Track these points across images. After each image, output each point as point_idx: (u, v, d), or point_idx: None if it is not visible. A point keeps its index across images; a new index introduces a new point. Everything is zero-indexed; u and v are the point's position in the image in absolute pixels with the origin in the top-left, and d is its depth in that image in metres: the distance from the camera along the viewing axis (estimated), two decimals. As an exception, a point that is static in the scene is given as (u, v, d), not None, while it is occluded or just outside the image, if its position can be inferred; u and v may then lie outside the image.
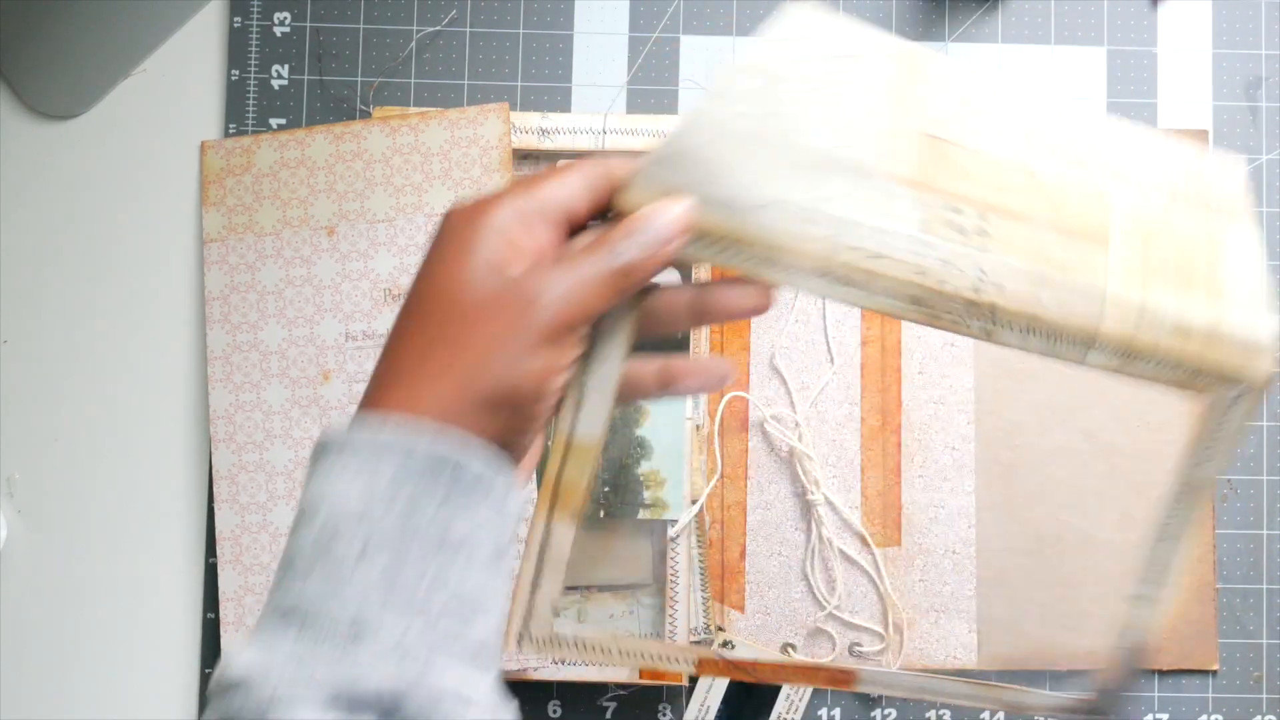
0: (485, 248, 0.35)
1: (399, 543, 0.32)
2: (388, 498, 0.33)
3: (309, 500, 0.34)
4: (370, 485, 0.33)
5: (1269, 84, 0.65)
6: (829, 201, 0.35)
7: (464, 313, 0.35)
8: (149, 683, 0.63)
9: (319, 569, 0.33)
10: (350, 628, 0.32)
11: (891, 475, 0.63)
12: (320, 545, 0.33)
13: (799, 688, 0.62)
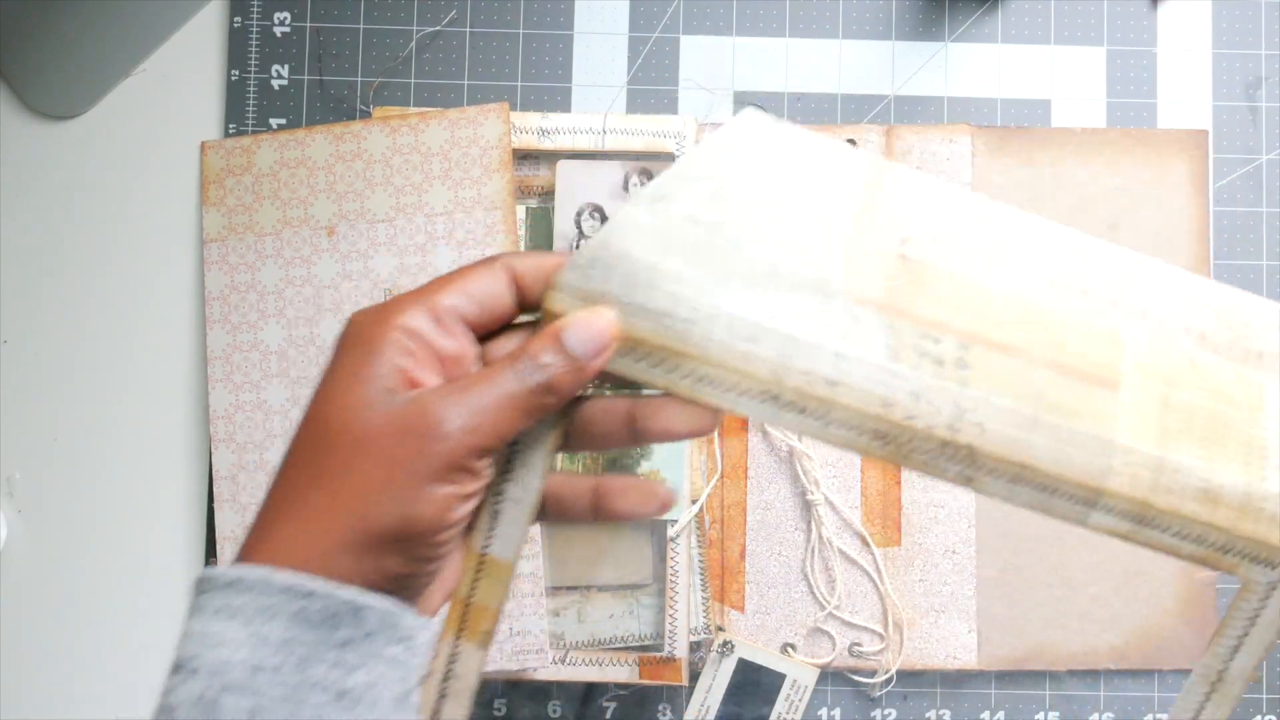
0: (382, 363, 0.32)
1: (295, 700, 0.30)
2: (282, 649, 0.30)
3: (189, 648, 0.31)
4: (261, 636, 0.30)
5: (1269, 84, 0.65)
6: (779, 319, 0.32)
7: (353, 442, 0.31)
8: (149, 683, 0.63)
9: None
10: None
11: (891, 475, 0.63)
12: (206, 702, 0.30)
13: (799, 687, 0.62)
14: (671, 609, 0.61)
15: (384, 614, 0.31)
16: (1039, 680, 0.63)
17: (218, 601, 0.30)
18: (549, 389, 0.32)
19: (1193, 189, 0.64)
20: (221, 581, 0.31)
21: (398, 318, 0.32)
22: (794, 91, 0.65)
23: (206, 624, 0.30)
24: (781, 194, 0.33)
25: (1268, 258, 0.64)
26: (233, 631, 0.30)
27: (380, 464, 0.31)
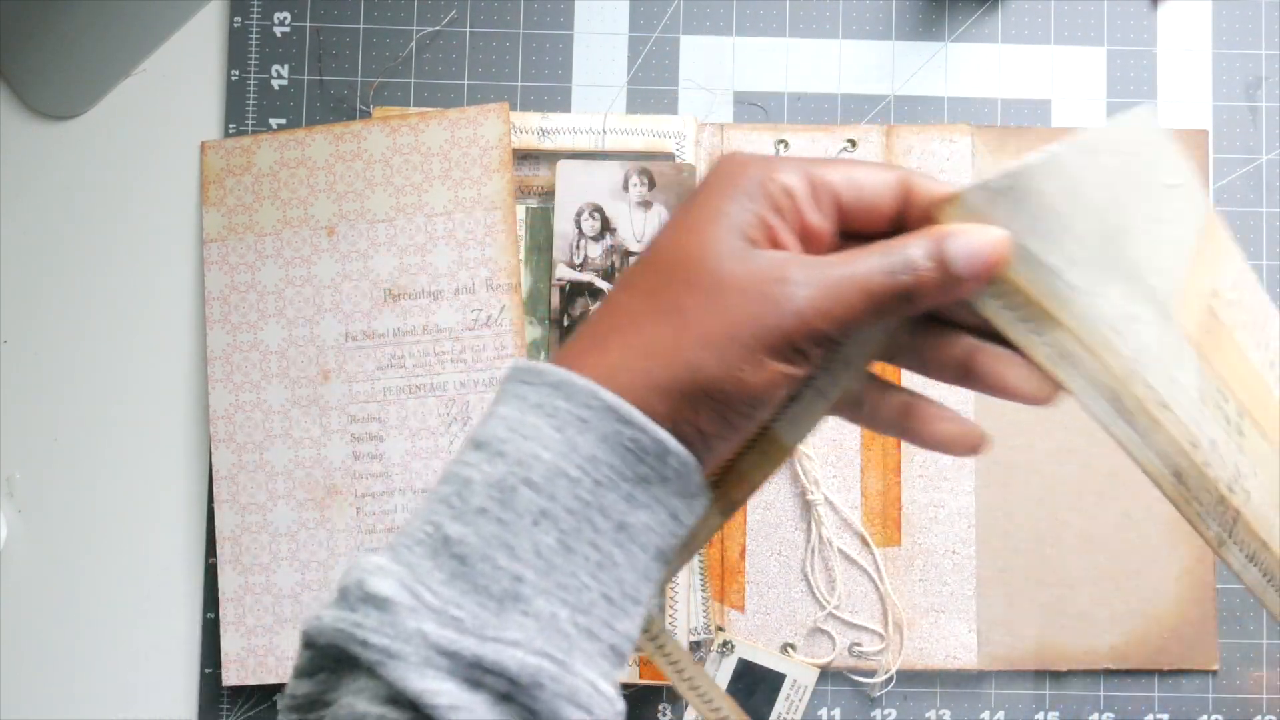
0: (749, 210, 0.31)
1: (582, 516, 0.29)
2: (586, 464, 0.30)
3: (500, 429, 0.30)
4: (571, 443, 0.30)
5: (1269, 84, 0.65)
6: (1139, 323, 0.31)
7: (706, 285, 0.30)
8: (149, 683, 0.63)
9: (495, 512, 0.29)
10: (506, 590, 0.29)
11: (891, 475, 0.63)
12: (505, 488, 0.29)
13: (799, 687, 0.62)
14: (671, 609, 0.61)
15: (683, 464, 0.30)
16: (1039, 680, 0.63)
17: (538, 396, 0.30)
18: (912, 293, 0.30)
19: (1193, 189, 0.64)
20: (548, 379, 0.30)
21: (777, 172, 0.31)
22: (794, 91, 0.65)
23: (524, 414, 0.30)
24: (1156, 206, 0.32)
25: (1268, 258, 0.64)
26: (547, 430, 0.30)
27: (726, 317, 0.30)
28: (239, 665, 0.62)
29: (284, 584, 0.62)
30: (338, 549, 0.62)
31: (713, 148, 0.64)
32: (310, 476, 0.62)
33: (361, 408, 0.62)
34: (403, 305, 0.63)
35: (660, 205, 0.63)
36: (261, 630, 0.62)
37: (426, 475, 0.62)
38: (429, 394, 0.62)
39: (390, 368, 0.62)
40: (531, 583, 0.29)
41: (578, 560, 0.29)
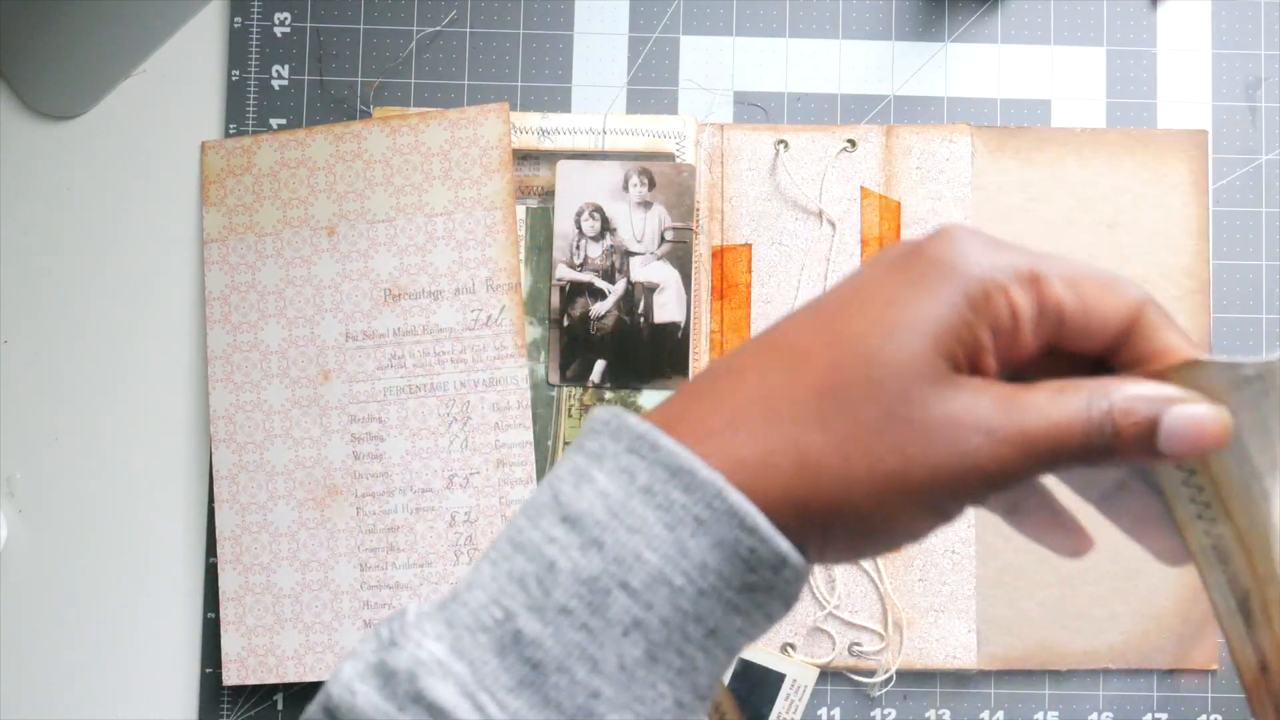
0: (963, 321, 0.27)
1: (676, 625, 0.26)
2: (694, 571, 0.26)
3: (599, 509, 0.26)
4: (682, 546, 0.26)
5: (1269, 84, 0.65)
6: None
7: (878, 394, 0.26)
8: (149, 683, 0.63)
9: (582, 616, 0.26)
10: (580, 706, 0.25)
11: (891, 475, 0.63)
12: (598, 590, 0.26)
13: (799, 687, 0.62)
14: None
15: (797, 574, 0.27)
16: (1039, 680, 0.63)
17: (650, 477, 0.26)
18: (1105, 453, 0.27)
19: (1193, 189, 0.64)
20: (665, 459, 0.26)
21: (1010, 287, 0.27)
22: (794, 91, 0.65)
23: (629, 497, 0.26)
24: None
25: (1267, 258, 0.64)
26: (656, 526, 0.26)
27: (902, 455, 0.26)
28: (239, 665, 0.62)
29: (284, 584, 0.62)
30: (338, 549, 0.62)
31: (713, 148, 0.64)
32: (310, 476, 0.62)
33: (362, 408, 0.62)
34: (403, 305, 0.63)
35: (660, 205, 0.63)
36: (262, 630, 0.62)
37: (426, 475, 0.62)
38: (429, 394, 0.62)
39: (390, 368, 0.62)
40: (608, 699, 0.26)
41: (660, 670, 0.26)
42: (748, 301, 0.64)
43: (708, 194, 0.64)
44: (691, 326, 0.63)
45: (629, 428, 0.27)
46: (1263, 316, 0.64)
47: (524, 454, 0.62)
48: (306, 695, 0.63)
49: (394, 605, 0.62)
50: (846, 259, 0.64)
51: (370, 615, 0.62)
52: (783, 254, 0.64)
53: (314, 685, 0.63)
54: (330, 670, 0.61)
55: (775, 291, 0.64)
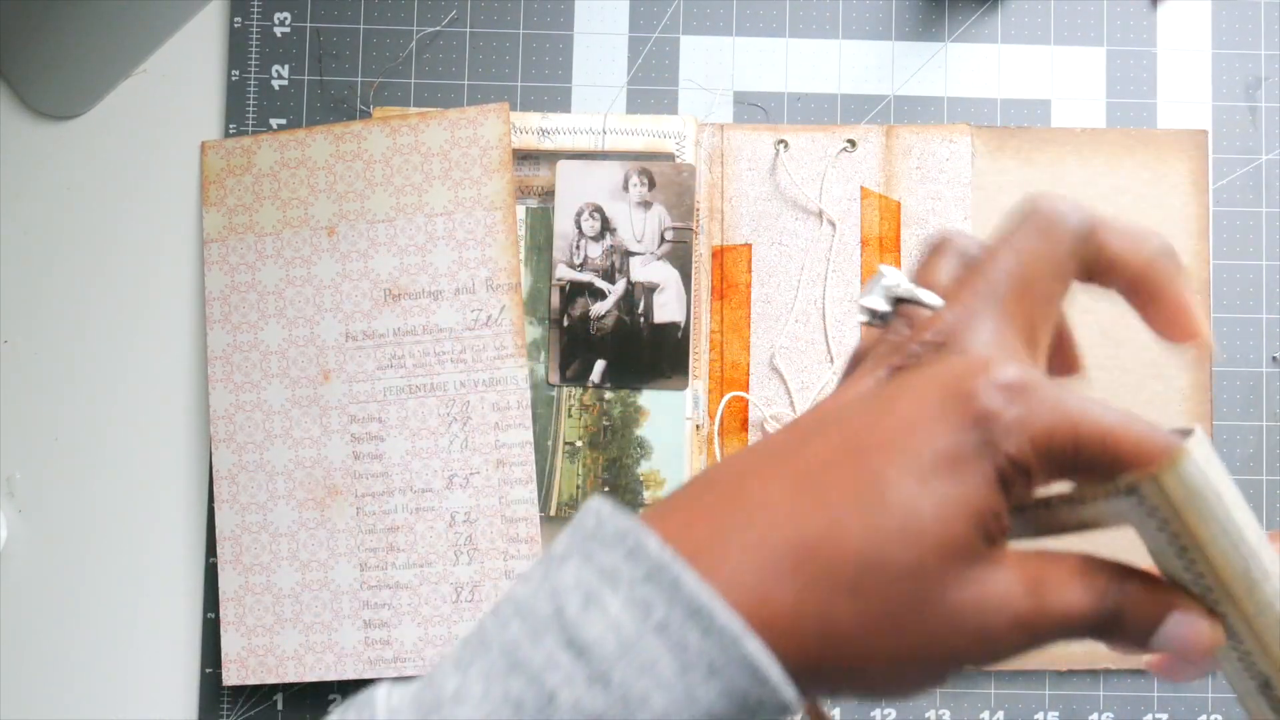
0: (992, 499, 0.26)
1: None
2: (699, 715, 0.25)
3: (610, 641, 0.25)
4: (691, 694, 0.25)
5: (1269, 84, 0.65)
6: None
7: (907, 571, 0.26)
8: (149, 683, 0.63)
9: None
10: None
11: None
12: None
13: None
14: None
15: (793, 715, 0.26)
16: (1039, 680, 0.63)
17: (667, 614, 0.25)
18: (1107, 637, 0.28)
19: (1193, 189, 0.64)
20: (686, 598, 0.25)
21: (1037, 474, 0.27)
22: (794, 91, 0.65)
23: (643, 634, 0.25)
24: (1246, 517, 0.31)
25: (1267, 258, 0.64)
26: (668, 669, 0.25)
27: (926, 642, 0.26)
28: (239, 665, 0.62)
29: (284, 584, 0.62)
30: (338, 549, 0.62)
31: (713, 148, 0.64)
32: (310, 476, 0.62)
33: (361, 408, 0.62)
34: (403, 305, 0.63)
35: (660, 205, 0.63)
36: (262, 630, 0.62)
37: (426, 475, 0.62)
38: (429, 394, 0.62)
39: (390, 368, 0.62)
40: None
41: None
42: (748, 301, 0.64)
43: (708, 194, 0.64)
44: (691, 326, 0.63)
45: (648, 552, 0.25)
46: (1263, 316, 0.64)
47: (524, 454, 0.62)
48: (306, 695, 0.63)
49: (394, 605, 0.62)
50: (846, 259, 0.64)
51: (370, 615, 0.62)
52: (783, 254, 0.64)
53: (314, 685, 0.63)
54: (332, 668, 0.62)
55: (775, 291, 0.64)
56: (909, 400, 0.27)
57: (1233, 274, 0.64)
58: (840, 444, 0.27)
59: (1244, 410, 0.64)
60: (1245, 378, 0.64)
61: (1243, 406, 0.64)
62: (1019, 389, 0.26)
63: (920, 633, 0.26)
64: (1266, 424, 0.64)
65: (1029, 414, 0.26)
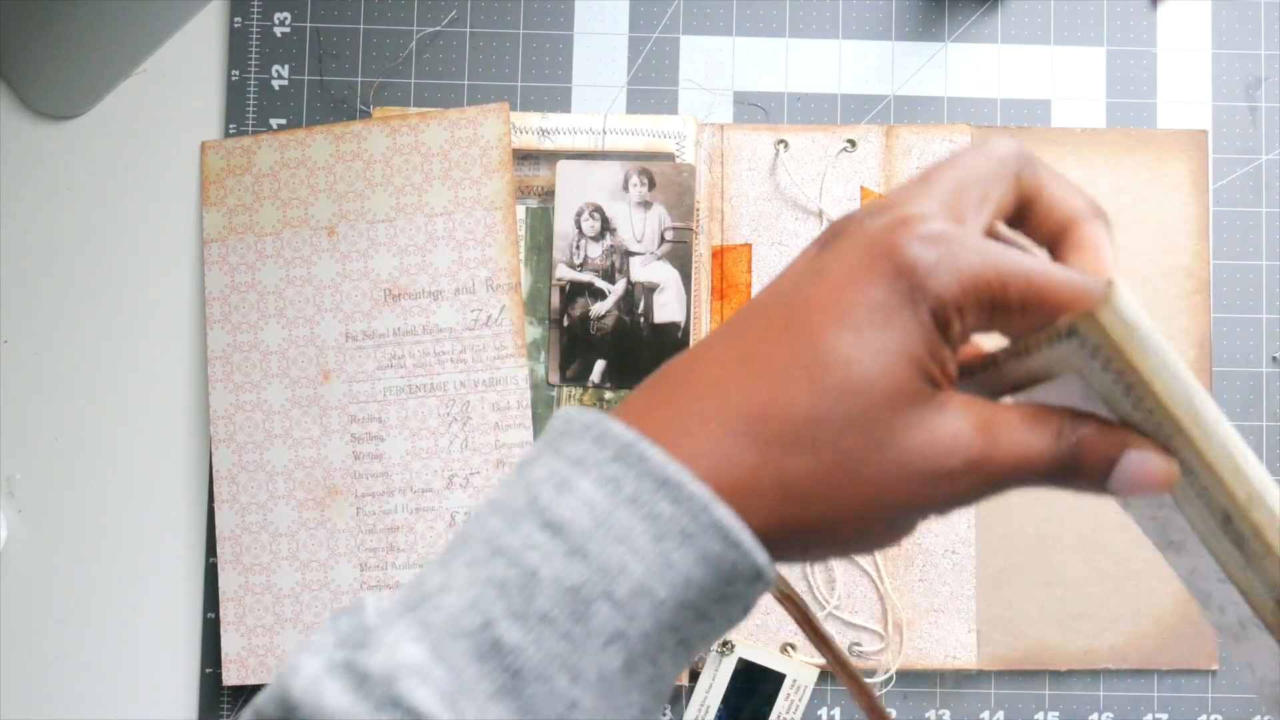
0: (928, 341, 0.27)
1: (654, 638, 0.26)
2: (678, 584, 0.26)
3: (583, 517, 0.26)
4: (667, 559, 0.26)
5: (1269, 84, 0.65)
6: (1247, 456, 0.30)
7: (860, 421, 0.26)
8: (149, 683, 0.63)
9: (564, 625, 0.25)
10: (558, 716, 0.25)
11: (891, 475, 0.63)
12: (581, 600, 0.25)
13: (799, 687, 0.62)
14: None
15: (767, 585, 0.27)
16: (1039, 680, 0.63)
17: (637, 488, 0.26)
18: (1065, 480, 0.28)
19: (1193, 189, 0.64)
20: (653, 469, 0.26)
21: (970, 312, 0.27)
22: (794, 91, 0.65)
23: (615, 507, 0.26)
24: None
25: (1267, 258, 0.64)
26: (642, 537, 0.26)
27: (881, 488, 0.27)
28: (239, 665, 0.62)
29: (284, 584, 0.62)
30: (338, 549, 0.62)
31: (713, 148, 0.64)
32: (310, 476, 0.62)
33: (361, 408, 0.62)
34: (403, 305, 0.63)
35: (660, 205, 0.63)
36: (261, 630, 0.62)
37: (426, 475, 0.62)
38: (429, 394, 0.62)
39: (390, 368, 0.62)
40: (585, 709, 0.25)
41: (634, 680, 0.26)
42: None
43: (708, 194, 0.64)
44: (691, 326, 0.63)
45: (614, 435, 0.27)
46: (1263, 316, 0.64)
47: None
48: (306, 695, 0.63)
49: (394, 605, 0.62)
50: (846, 259, 0.64)
51: (370, 615, 0.62)
52: (783, 254, 0.64)
53: (314, 685, 0.63)
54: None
55: (775, 291, 0.63)
56: (838, 264, 0.28)
57: (1233, 274, 0.64)
58: (778, 316, 0.28)
59: (1244, 410, 0.64)
60: (1245, 378, 0.64)
61: (1243, 406, 0.64)
62: (941, 238, 0.27)
63: (876, 480, 0.27)
64: (1266, 424, 0.64)
65: (952, 258, 0.27)
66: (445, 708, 0.24)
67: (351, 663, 0.25)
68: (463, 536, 0.27)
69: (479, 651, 0.25)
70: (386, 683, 0.25)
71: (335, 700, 0.25)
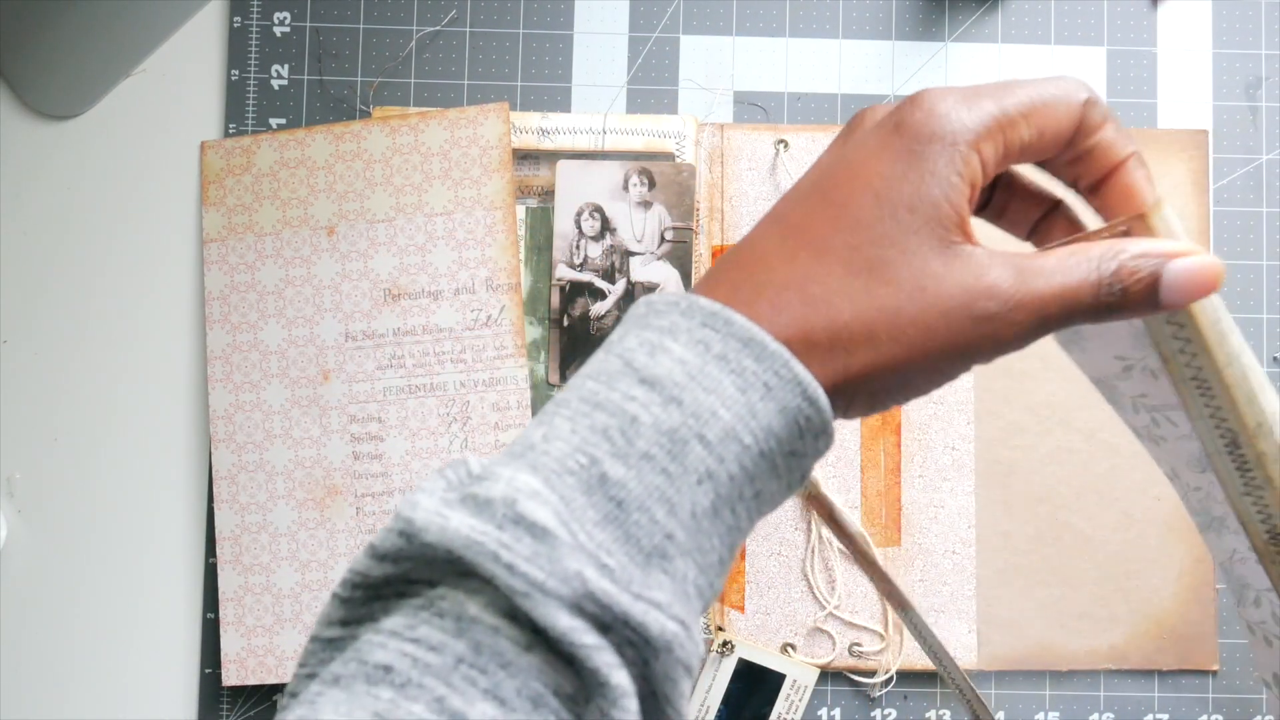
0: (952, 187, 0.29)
1: (739, 482, 0.28)
2: (761, 432, 0.28)
3: (677, 372, 0.28)
4: (752, 408, 0.28)
5: (1269, 84, 0.65)
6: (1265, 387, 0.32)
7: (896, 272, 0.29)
8: (149, 683, 0.63)
9: (662, 462, 0.28)
10: (656, 546, 0.28)
11: (891, 475, 0.63)
12: (677, 440, 0.28)
13: (799, 687, 0.62)
14: (671, 609, 0.61)
15: (829, 442, 0.30)
16: (1039, 680, 0.63)
17: (724, 347, 0.29)
18: (1113, 312, 0.29)
19: (1193, 189, 0.64)
20: (737, 331, 0.29)
21: (982, 140, 0.30)
22: (794, 91, 0.65)
23: (705, 363, 0.28)
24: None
25: (1268, 258, 0.64)
26: (730, 388, 0.28)
27: (925, 334, 0.29)
28: (239, 665, 0.62)
29: (284, 584, 0.62)
30: (338, 549, 0.62)
31: (713, 147, 0.64)
32: (310, 476, 0.62)
33: (361, 408, 0.62)
34: (403, 305, 0.63)
35: (660, 205, 0.63)
36: (261, 630, 0.62)
37: (426, 475, 0.62)
38: (429, 394, 0.62)
39: (390, 368, 0.62)
40: (679, 542, 0.28)
41: (719, 524, 0.29)
42: (748, 301, 0.64)
43: (708, 194, 0.64)
44: (691, 326, 0.63)
45: (701, 306, 0.29)
46: (1263, 316, 0.64)
47: (524, 454, 0.62)
48: (306, 695, 0.63)
49: (394, 605, 0.62)
50: (846, 259, 0.64)
51: (370, 615, 0.62)
52: (783, 254, 0.64)
53: (314, 685, 0.63)
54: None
55: (775, 291, 0.63)
56: (858, 148, 0.31)
57: (1233, 274, 0.64)
58: (813, 197, 0.31)
59: (1244, 410, 0.64)
60: (1245, 378, 0.64)
61: (1243, 406, 0.64)
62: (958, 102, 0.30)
63: (916, 327, 0.29)
64: (1267, 424, 0.64)
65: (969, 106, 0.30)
66: (561, 526, 0.27)
67: (471, 494, 0.27)
68: (557, 401, 0.30)
69: (586, 485, 0.27)
70: (508, 504, 0.27)
71: (460, 521, 0.27)
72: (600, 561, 0.27)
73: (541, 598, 0.26)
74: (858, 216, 0.30)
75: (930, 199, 0.29)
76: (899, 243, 0.29)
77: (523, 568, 0.26)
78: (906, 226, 0.29)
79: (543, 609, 0.26)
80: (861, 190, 0.30)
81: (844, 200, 0.30)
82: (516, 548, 0.26)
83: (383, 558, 0.28)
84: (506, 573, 0.26)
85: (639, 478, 0.28)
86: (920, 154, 0.29)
